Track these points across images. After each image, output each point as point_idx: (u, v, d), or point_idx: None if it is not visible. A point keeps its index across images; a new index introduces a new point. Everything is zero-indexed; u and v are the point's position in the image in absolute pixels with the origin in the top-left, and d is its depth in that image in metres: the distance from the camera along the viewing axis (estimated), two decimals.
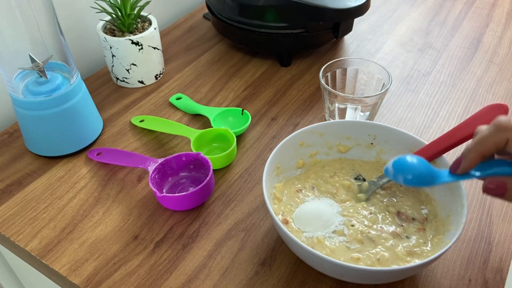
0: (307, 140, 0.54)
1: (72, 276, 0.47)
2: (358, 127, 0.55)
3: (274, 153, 0.50)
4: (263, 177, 0.48)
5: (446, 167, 0.42)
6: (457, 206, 0.45)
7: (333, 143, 0.56)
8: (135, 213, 0.54)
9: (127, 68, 0.70)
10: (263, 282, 0.47)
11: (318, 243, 0.46)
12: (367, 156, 0.56)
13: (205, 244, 0.50)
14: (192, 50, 0.81)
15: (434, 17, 0.90)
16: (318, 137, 0.55)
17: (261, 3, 0.71)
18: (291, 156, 0.54)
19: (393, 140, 0.53)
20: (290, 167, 0.54)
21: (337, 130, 0.55)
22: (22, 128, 0.60)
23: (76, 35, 0.75)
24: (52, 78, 0.57)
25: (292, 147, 0.53)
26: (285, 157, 0.53)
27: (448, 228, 0.45)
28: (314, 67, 0.77)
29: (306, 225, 0.48)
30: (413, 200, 0.51)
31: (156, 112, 0.68)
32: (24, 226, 0.52)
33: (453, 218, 0.45)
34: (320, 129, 0.54)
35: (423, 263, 0.40)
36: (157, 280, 0.47)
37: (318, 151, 0.56)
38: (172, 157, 0.55)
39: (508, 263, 0.48)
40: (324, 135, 0.55)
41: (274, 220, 0.44)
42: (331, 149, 0.56)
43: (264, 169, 0.48)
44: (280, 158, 0.52)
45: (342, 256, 0.45)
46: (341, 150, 0.56)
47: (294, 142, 0.53)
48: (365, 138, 0.55)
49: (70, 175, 0.58)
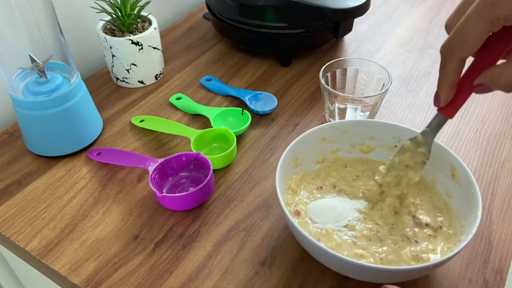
0: (330, 135, 0.54)
1: (72, 276, 0.47)
2: (382, 128, 0.54)
3: (293, 144, 0.50)
4: (278, 165, 0.48)
5: None
6: (471, 216, 0.44)
7: (356, 141, 0.55)
8: (135, 213, 0.54)
9: (127, 68, 0.70)
10: (263, 282, 0.47)
11: (326, 235, 0.46)
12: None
13: (205, 244, 0.50)
14: (192, 50, 0.81)
15: (434, 17, 0.90)
16: (341, 134, 0.54)
17: (261, 3, 0.71)
18: (311, 150, 0.53)
19: None
20: (309, 161, 0.54)
21: (361, 129, 0.54)
22: (22, 128, 0.60)
23: (76, 35, 0.75)
24: (52, 78, 0.57)
25: (313, 141, 0.53)
26: (304, 150, 0.52)
27: (460, 238, 0.45)
28: (314, 67, 0.77)
29: (319, 217, 0.48)
30: (431, 206, 0.50)
31: (156, 112, 0.68)
32: (24, 226, 0.52)
33: (466, 228, 0.45)
34: (343, 126, 0.54)
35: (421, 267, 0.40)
36: (157, 280, 0.47)
37: (340, 148, 0.55)
38: (172, 157, 0.55)
39: (508, 263, 0.48)
40: (347, 132, 0.54)
41: (281, 206, 0.44)
42: (353, 147, 0.55)
43: (281, 158, 0.48)
44: (299, 150, 0.52)
45: (347, 251, 0.45)
46: (363, 150, 0.55)
47: (315, 136, 0.53)
48: (389, 140, 0.54)
49: (70, 175, 0.58)
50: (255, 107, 0.67)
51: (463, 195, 0.47)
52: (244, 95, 0.69)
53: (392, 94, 0.71)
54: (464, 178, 0.47)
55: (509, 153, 0.61)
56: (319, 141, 0.54)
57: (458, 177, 0.48)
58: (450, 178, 0.49)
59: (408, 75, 0.75)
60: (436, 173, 0.51)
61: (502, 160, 0.60)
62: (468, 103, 0.69)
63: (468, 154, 0.60)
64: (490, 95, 0.70)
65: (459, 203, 0.48)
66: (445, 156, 0.50)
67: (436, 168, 0.51)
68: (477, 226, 0.42)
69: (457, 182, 0.49)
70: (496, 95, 0.70)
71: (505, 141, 0.62)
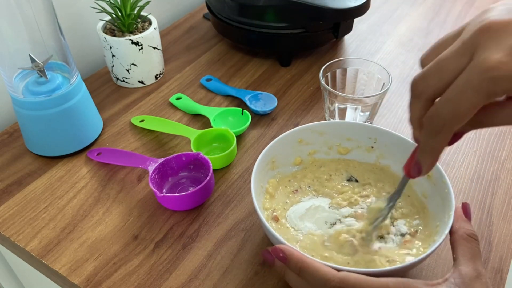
0: (307, 138, 0.54)
1: (72, 276, 0.47)
2: (358, 129, 0.54)
3: (269, 146, 0.50)
4: (253, 168, 0.47)
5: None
6: (445, 217, 0.44)
7: (333, 143, 0.55)
8: (135, 213, 0.54)
9: (127, 68, 0.70)
10: (263, 282, 0.47)
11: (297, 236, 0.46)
12: (367, 160, 0.55)
13: (205, 244, 0.50)
14: (192, 50, 0.81)
15: (434, 17, 0.90)
16: (318, 136, 0.55)
17: (261, 3, 0.71)
18: (288, 152, 0.53)
19: (393, 145, 0.53)
20: (286, 163, 0.54)
21: (337, 130, 0.54)
22: (22, 128, 0.60)
23: (76, 35, 0.75)
24: (52, 78, 0.57)
25: (290, 143, 0.53)
26: (281, 152, 0.52)
27: (434, 239, 0.44)
28: (314, 67, 0.77)
29: (299, 223, 0.48)
30: (408, 207, 0.50)
31: (156, 112, 0.68)
32: (24, 226, 0.52)
33: (440, 228, 0.44)
34: (320, 128, 0.54)
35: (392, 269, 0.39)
36: (157, 280, 0.47)
37: (317, 150, 0.55)
38: (172, 157, 0.55)
39: (508, 263, 0.48)
40: (324, 134, 0.55)
41: (256, 209, 0.44)
42: (331, 149, 0.56)
43: (256, 161, 0.48)
44: (276, 152, 0.52)
45: (314, 252, 0.44)
46: (341, 152, 0.56)
47: (292, 138, 0.53)
48: (366, 141, 0.54)
49: (70, 175, 0.58)
50: (255, 107, 0.67)
51: (438, 195, 0.47)
52: (244, 95, 0.69)
53: (392, 94, 0.71)
54: (439, 178, 0.47)
55: (509, 153, 0.61)
56: (296, 144, 0.54)
57: (432, 177, 0.48)
58: (426, 178, 0.49)
59: (408, 75, 0.75)
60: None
61: (502, 160, 0.60)
62: None
63: (468, 154, 0.60)
64: None
65: (434, 203, 0.48)
66: None
67: None
68: (450, 227, 0.42)
69: (432, 182, 0.48)
70: None
71: (505, 141, 0.62)
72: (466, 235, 0.40)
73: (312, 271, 0.38)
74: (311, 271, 0.38)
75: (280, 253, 0.39)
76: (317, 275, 0.37)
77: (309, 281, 0.38)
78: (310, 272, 0.38)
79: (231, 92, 0.70)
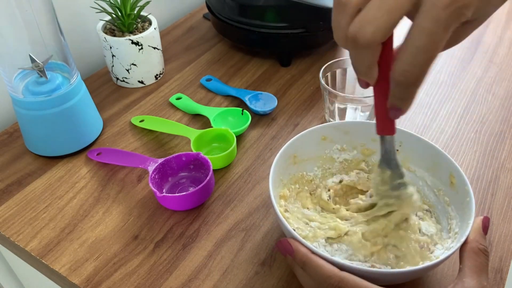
0: (330, 135, 0.54)
1: (72, 276, 0.47)
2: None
3: (291, 141, 0.50)
4: (273, 162, 0.48)
5: None
6: (463, 225, 0.44)
7: (357, 143, 0.54)
8: (135, 213, 0.54)
9: (127, 68, 0.70)
10: (263, 282, 0.47)
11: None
12: None
13: (205, 244, 0.50)
14: (192, 50, 0.81)
15: None
16: (342, 135, 0.54)
17: (261, 3, 0.71)
18: (311, 149, 0.53)
19: (418, 149, 0.51)
20: (308, 160, 0.54)
21: (363, 130, 0.53)
22: (22, 128, 0.60)
23: (76, 35, 0.75)
24: (52, 78, 0.57)
25: (313, 140, 0.53)
26: (304, 148, 0.52)
27: (451, 246, 0.44)
28: (314, 67, 0.77)
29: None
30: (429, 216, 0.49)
31: (156, 112, 0.68)
32: (24, 226, 0.52)
33: (458, 236, 0.44)
34: (345, 127, 0.53)
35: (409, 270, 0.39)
36: (157, 280, 0.47)
37: (344, 148, 0.55)
38: (172, 157, 0.55)
39: (508, 263, 0.48)
40: (349, 133, 0.54)
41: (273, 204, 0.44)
42: (355, 149, 0.55)
43: (278, 154, 0.48)
44: (298, 147, 0.52)
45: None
46: (364, 153, 0.55)
47: (315, 135, 0.53)
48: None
49: (70, 175, 0.58)
50: (255, 107, 0.67)
51: (459, 203, 0.46)
52: (244, 95, 0.69)
53: None
54: (462, 186, 0.46)
55: (509, 153, 0.61)
56: (319, 141, 0.54)
57: (456, 185, 0.47)
58: (449, 185, 0.48)
59: None
60: (435, 180, 0.51)
61: (502, 160, 0.60)
62: (468, 103, 0.69)
63: (468, 154, 0.60)
64: (490, 95, 0.70)
65: (455, 211, 0.47)
66: (444, 163, 0.49)
67: (436, 175, 0.50)
68: (466, 236, 0.41)
69: (454, 189, 0.48)
70: (496, 95, 0.70)
71: (505, 141, 0.62)
72: (477, 249, 0.40)
73: (315, 266, 0.39)
74: (314, 266, 0.39)
75: (287, 246, 0.41)
76: (319, 271, 0.38)
77: (312, 275, 0.39)
78: (313, 268, 0.39)
79: (231, 92, 0.70)
